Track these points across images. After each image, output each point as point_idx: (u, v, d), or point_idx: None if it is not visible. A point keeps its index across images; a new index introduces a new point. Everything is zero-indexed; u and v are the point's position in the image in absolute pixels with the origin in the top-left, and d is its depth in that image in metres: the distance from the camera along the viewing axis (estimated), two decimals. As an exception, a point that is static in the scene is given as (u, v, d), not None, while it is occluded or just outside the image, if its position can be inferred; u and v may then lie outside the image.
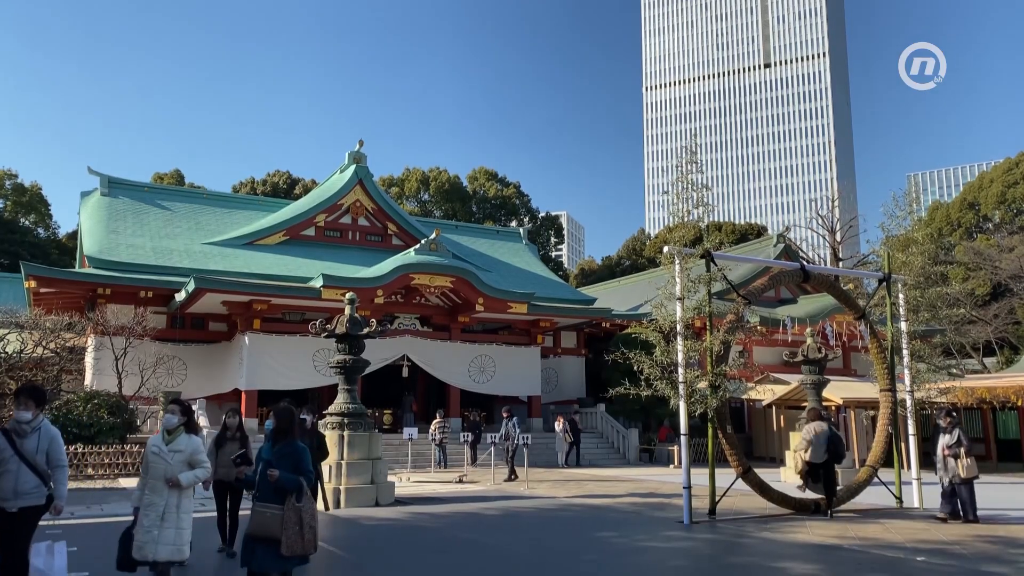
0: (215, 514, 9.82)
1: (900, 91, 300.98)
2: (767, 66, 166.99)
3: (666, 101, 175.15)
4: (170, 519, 6.71)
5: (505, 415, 22.07)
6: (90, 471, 18.60)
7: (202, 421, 23.24)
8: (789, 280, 15.28)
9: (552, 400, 31.24)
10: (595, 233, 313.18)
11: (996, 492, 17.18)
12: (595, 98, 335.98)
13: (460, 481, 19.56)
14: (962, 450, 12.41)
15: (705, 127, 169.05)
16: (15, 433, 6.45)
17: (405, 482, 19.36)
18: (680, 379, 12.74)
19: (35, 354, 21.75)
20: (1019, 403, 23.66)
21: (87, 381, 24.78)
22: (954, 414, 13.14)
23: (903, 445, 15.62)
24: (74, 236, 45.93)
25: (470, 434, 22.40)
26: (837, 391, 22.69)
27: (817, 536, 11.00)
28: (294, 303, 25.13)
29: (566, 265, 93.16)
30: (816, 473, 13.65)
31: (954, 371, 27.86)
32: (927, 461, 15.28)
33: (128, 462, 19.10)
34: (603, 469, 24.48)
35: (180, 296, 24.45)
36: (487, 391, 28.90)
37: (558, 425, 25.74)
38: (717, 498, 12.91)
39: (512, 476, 20.46)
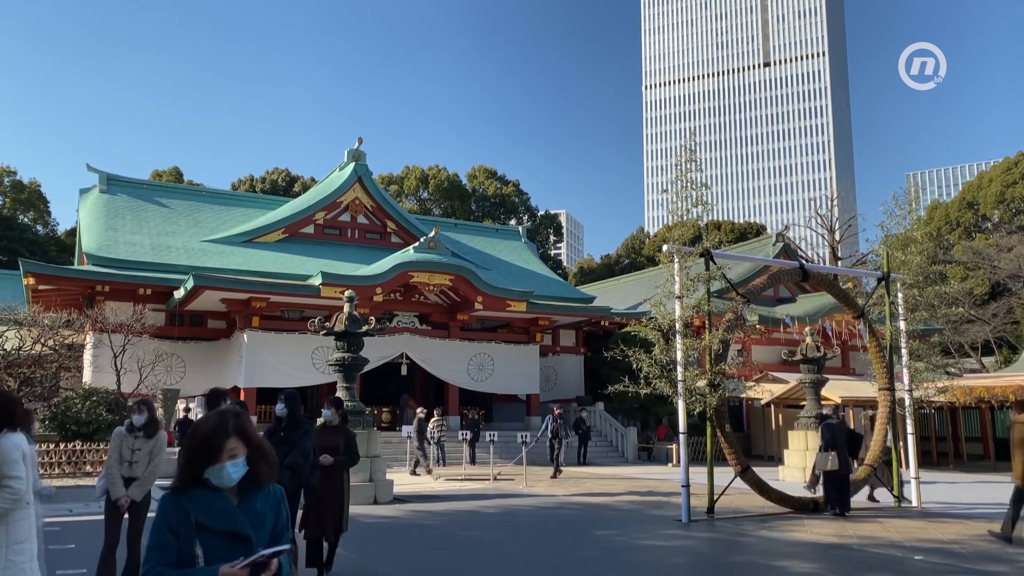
0: None
1: (899, 90, 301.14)
2: (767, 65, 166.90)
3: (666, 100, 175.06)
4: None
5: (558, 411, 22.29)
6: (88, 468, 18.58)
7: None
8: (788, 279, 15.28)
9: (551, 398, 31.26)
10: (594, 232, 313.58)
11: (994, 491, 17.18)
12: (595, 97, 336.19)
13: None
14: (820, 445, 13.44)
15: (704, 126, 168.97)
16: None
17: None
18: (679, 377, 12.73)
19: (34, 351, 21.74)
20: (1017, 402, 23.65)
21: (85, 378, 24.76)
22: (826, 412, 14.33)
23: (901, 444, 15.63)
24: (73, 233, 45.88)
25: (468, 432, 22.41)
26: (836, 390, 22.71)
27: (816, 535, 11.00)
28: (293, 301, 25.11)
29: (565, 263, 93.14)
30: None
31: (952, 370, 27.90)
32: (925, 460, 15.32)
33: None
34: (602, 467, 24.48)
35: (179, 293, 24.43)
36: (486, 389, 28.91)
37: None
38: (716, 497, 12.91)
39: (556, 473, 20.74)
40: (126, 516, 6.95)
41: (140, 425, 7.06)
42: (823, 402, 19.88)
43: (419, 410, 22.52)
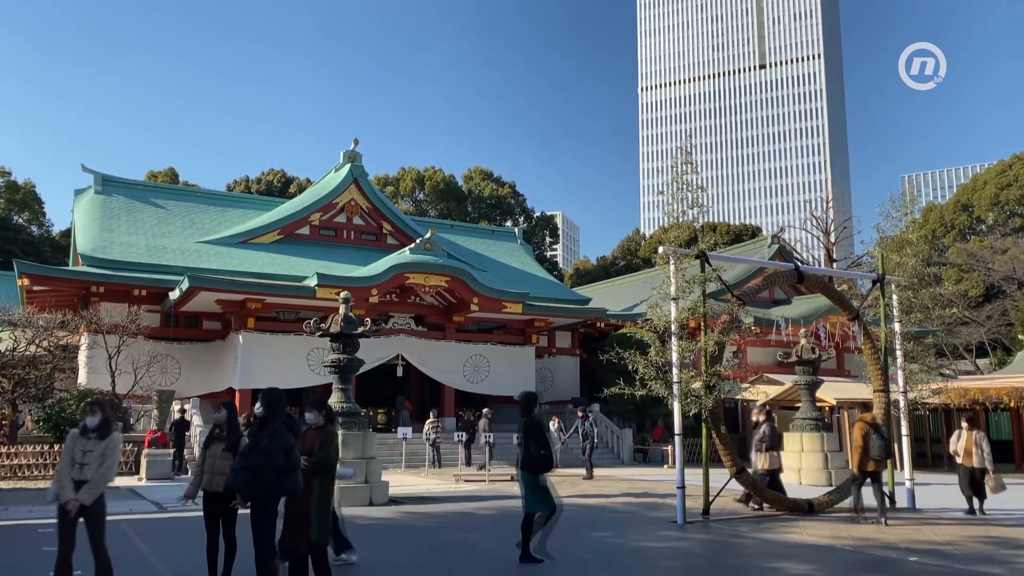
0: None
1: (895, 93, 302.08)
2: (762, 67, 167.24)
3: (662, 101, 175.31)
4: None
5: (580, 415, 22.37)
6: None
7: (196, 420, 23.21)
8: (783, 281, 15.31)
9: (547, 400, 31.25)
10: (590, 233, 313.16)
11: (990, 494, 17.21)
12: (591, 98, 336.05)
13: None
14: (764, 445, 14.07)
15: (701, 128, 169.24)
16: None
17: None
18: (675, 379, 12.73)
19: (28, 352, 21.67)
20: (1011, 404, 23.73)
21: (80, 379, 24.71)
22: (768, 410, 14.82)
23: (896, 446, 15.66)
24: (68, 234, 45.79)
25: (464, 434, 22.43)
26: (831, 392, 22.76)
27: (811, 536, 11.02)
28: (289, 302, 25.08)
29: (561, 265, 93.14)
30: None
31: (947, 372, 27.98)
32: (920, 462, 15.36)
33: (121, 460, 19.05)
34: (597, 469, 24.42)
35: (174, 294, 24.39)
36: (481, 391, 28.90)
37: (553, 425, 25.74)
38: (711, 498, 12.92)
39: (590, 475, 20.74)
40: (81, 520, 6.57)
41: (93, 427, 6.75)
42: (817, 402, 19.95)
43: (485, 411, 22.73)
